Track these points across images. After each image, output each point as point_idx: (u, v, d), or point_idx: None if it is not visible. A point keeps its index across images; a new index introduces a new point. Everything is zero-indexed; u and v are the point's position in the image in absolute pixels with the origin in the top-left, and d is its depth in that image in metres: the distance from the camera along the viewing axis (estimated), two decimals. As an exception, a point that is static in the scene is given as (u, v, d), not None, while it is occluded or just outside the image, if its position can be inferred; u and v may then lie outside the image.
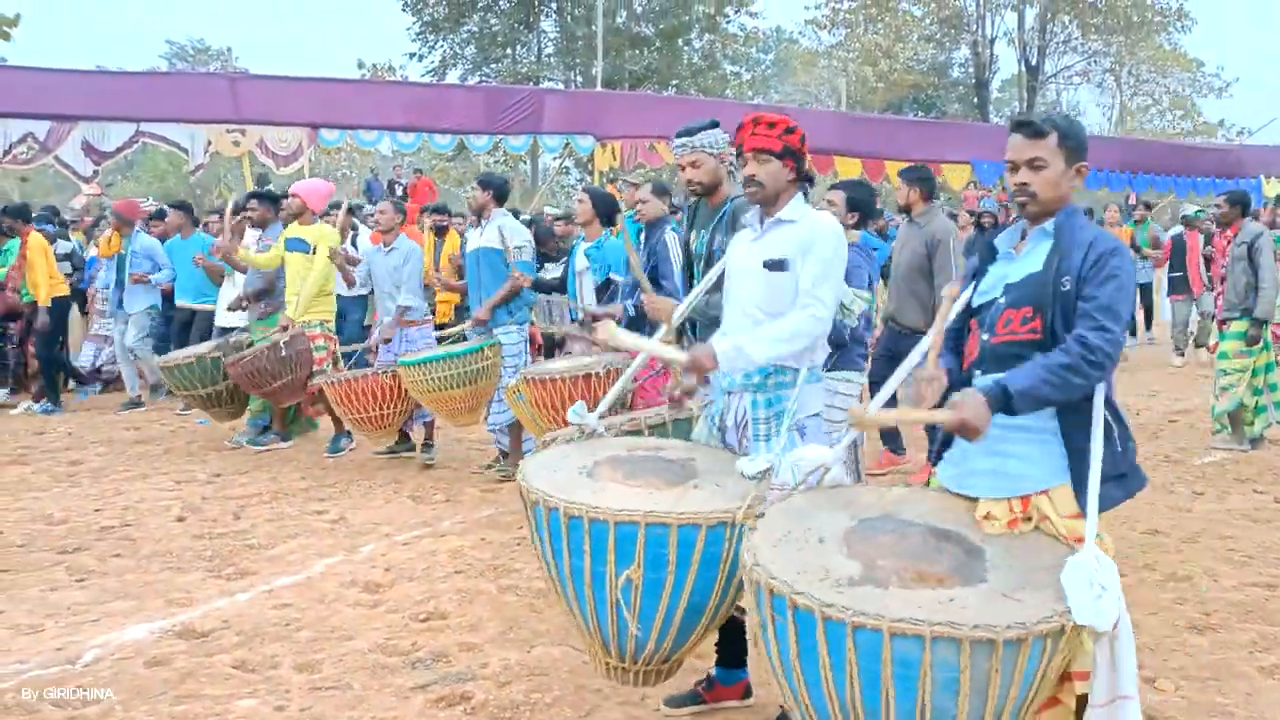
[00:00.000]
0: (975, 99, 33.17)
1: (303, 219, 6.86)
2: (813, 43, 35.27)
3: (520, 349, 6.27)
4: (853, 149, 17.45)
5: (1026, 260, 2.38)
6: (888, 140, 18.14)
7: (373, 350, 6.79)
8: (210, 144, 14.57)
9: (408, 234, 7.06)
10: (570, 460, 2.75)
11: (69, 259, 9.88)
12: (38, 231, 8.78)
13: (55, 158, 13.81)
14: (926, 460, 6.02)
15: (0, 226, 8.71)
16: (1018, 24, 32.46)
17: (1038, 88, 32.94)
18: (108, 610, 4.02)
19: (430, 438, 6.81)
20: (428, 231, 9.76)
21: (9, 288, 8.66)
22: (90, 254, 9.94)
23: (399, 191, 16.08)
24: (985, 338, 2.37)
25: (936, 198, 6.72)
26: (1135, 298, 12.40)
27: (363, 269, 6.99)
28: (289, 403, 7.00)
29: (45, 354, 8.73)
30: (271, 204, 7.34)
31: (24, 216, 8.84)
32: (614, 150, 16.34)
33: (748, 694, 3.22)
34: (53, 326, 8.73)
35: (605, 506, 2.43)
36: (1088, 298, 2.21)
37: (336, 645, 3.68)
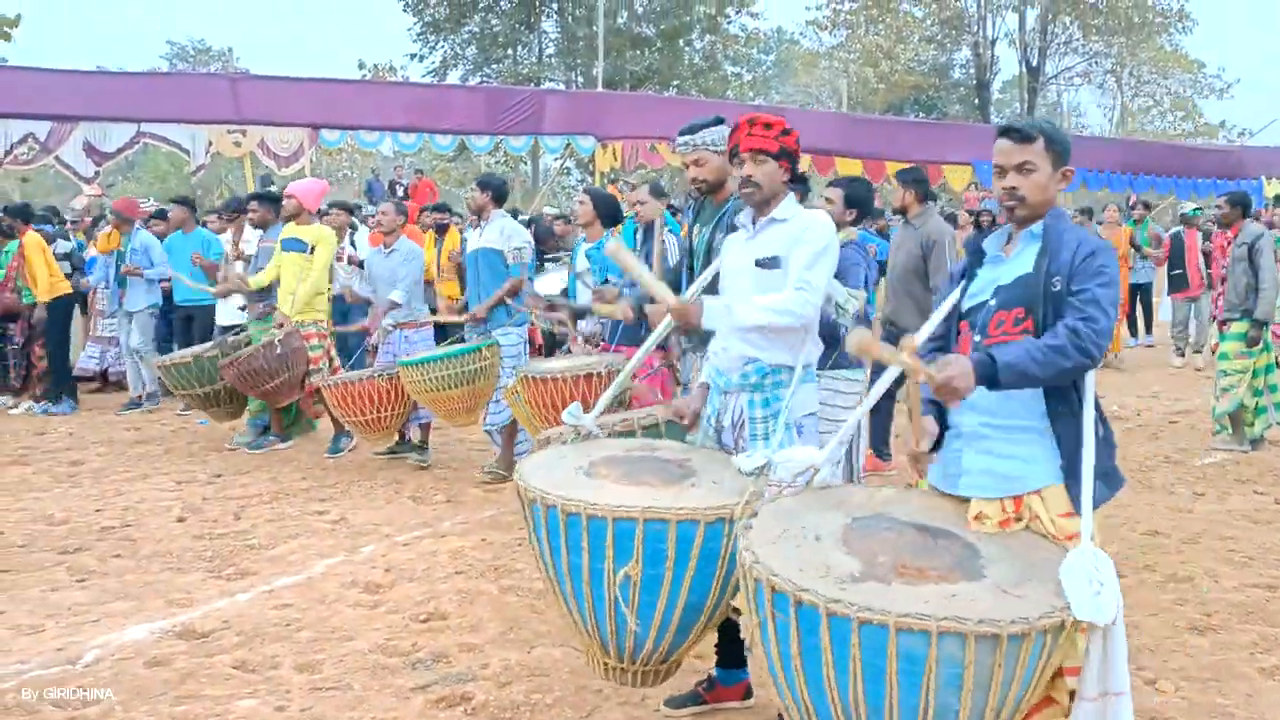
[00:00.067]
0: (976, 100, 33.19)
1: (299, 219, 6.88)
2: (814, 44, 35.38)
3: (519, 350, 6.27)
4: (854, 150, 17.48)
5: (1016, 262, 2.42)
6: (889, 141, 18.16)
7: (371, 352, 6.79)
8: (211, 144, 14.59)
9: (409, 234, 7.07)
10: (567, 461, 2.75)
11: (68, 258, 9.87)
12: (34, 231, 8.77)
13: (56, 158, 13.83)
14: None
15: (1, 226, 8.72)
16: (1019, 25, 32.54)
17: (1039, 89, 32.98)
18: (108, 610, 4.02)
19: (425, 440, 6.81)
20: (428, 231, 9.78)
21: (7, 289, 8.66)
22: (90, 254, 9.93)
23: (400, 192, 16.07)
24: (977, 339, 2.40)
25: (935, 199, 6.73)
26: (1136, 299, 12.56)
27: (350, 279, 7.01)
28: (285, 402, 6.98)
29: (54, 353, 8.72)
30: (272, 205, 7.34)
31: (24, 217, 8.84)
32: (615, 151, 16.35)
33: (748, 695, 3.23)
34: (59, 326, 8.72)
35: (603, 503, 2.43)
36: (1075, 292, 2.26)
37: (337, 646, 3.68)
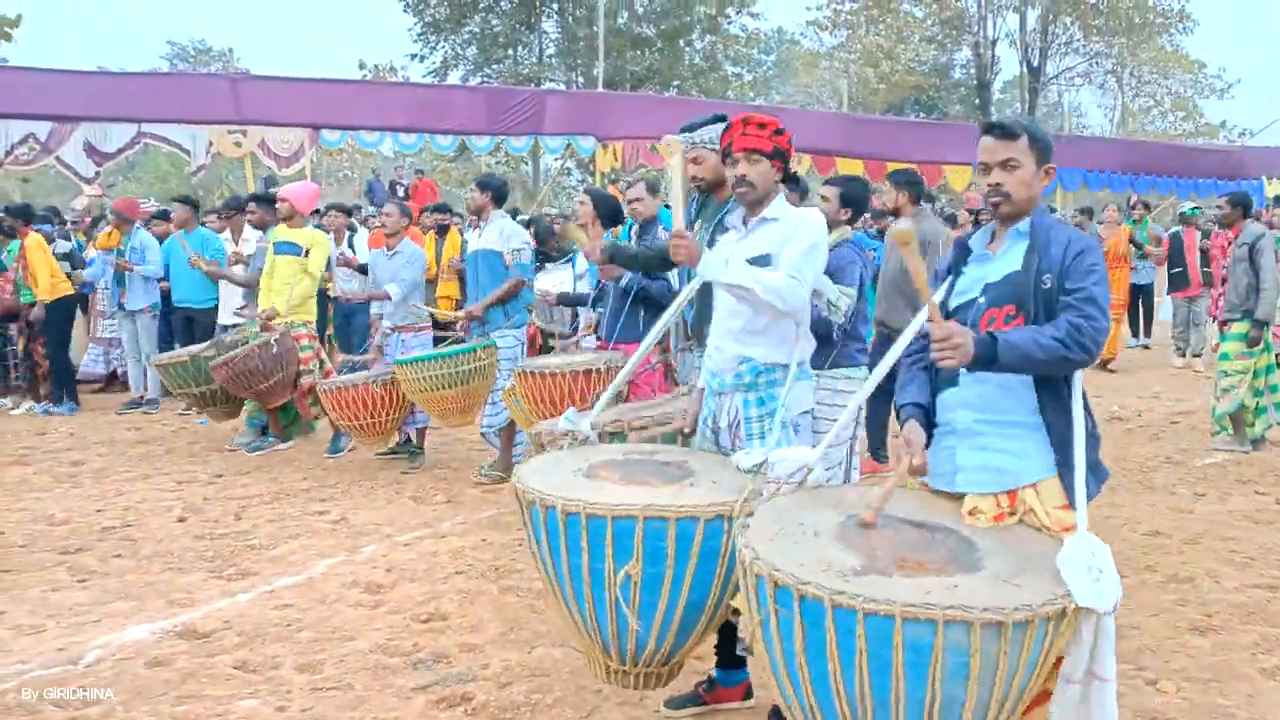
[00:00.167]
0: (977, 100, 33.16)
1: (292, 222, 6.90)
2: (814, 44, 35.32)
3: (516, 353, 6.24)
4: (854, 150, 17.46)
5: (1003, 260, 2.43)
6: (889, 141, 18.15)
7: (371, 354, 6.79)
8: (212, 145, 14.57)
9: (410, 235, 7.07)
10: (565, 464, 2.76)
11: (68, 258, 9.88)
12: (35, 231, 8.78)
13: (57, 158, 13.82)
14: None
15: (2, 227, 8.72)
16: (1019, 25, 32.49)
17: (1039, 89, 32.94)
18: (109, 611, 4.03)
19: (421, 444, 6.81)
20: (429, 232, 9.77)
21: (6, 289, 8.65)
22: (91, 254, 9.93)
23: (400, 192, 16.07)
24: None
25: (932, 200, 6.73)
26: (1138, 300, 12.54)
27: (350, 282, 6.99)
28: (278, 402, 6.96)
29: (54, 354, 8.72)
30: (270, 206, 7.38)
31: (25, 217, 8.84)
32: (615, 151, 16.33)
33: (748, 695, 3.23)
34: (59, 326, 8.72)
35: (602, 502, 2.43)
36: (1070, 290, 2.28)
37: (338, 646, 3.69)
